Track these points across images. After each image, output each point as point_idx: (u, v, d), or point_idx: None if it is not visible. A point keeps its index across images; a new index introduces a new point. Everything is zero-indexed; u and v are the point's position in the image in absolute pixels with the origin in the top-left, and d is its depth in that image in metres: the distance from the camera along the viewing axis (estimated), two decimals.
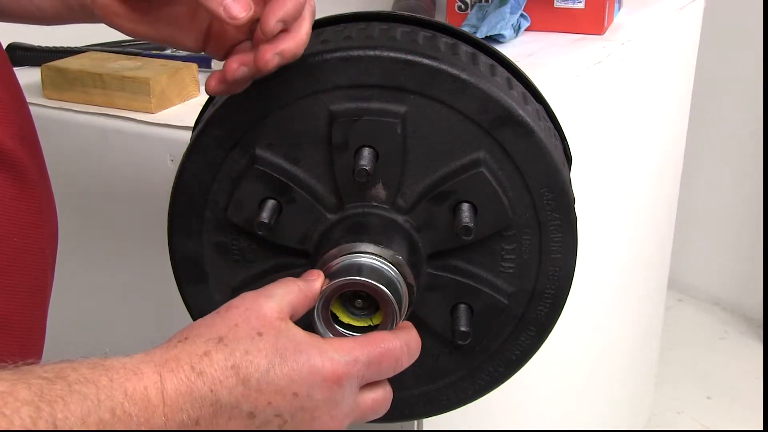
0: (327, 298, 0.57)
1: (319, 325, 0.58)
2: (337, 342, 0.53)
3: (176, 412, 0.47)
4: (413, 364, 0.65)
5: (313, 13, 0.58)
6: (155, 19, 0.61)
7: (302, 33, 0.56)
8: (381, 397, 0.56)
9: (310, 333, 0.53)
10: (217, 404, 0.48)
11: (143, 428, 0.45)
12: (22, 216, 0.57)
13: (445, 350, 0.65)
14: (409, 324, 0.59)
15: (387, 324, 0.58)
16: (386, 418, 0.68)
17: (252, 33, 0.59)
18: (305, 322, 0.56)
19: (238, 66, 0.56)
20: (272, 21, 0.53)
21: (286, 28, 0.54)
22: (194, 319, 0.66)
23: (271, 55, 0.54)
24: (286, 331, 0.52)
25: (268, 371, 0.49)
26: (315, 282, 0.57)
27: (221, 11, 0.53)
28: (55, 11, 0.66)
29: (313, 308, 0.57)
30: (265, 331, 0.51)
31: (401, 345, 0.56)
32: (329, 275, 0.57)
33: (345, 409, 0.53)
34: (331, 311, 0.59)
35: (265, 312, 0.52)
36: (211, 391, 0.48)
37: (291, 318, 0.54)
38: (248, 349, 0.50)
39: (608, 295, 1.36)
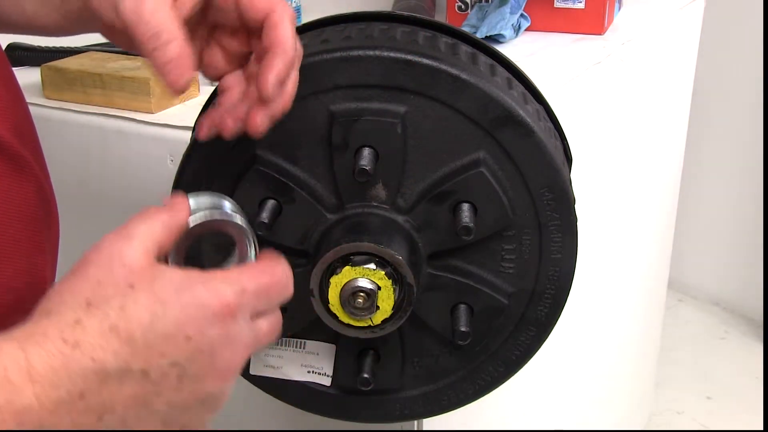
0: (187, 237, 0.52)
1: (173, 262, 0.52)
2: (221, 274, 0.48)
3: (50, 390, 0.42)
4: (413, 364, 0.66)
5: (299, 59, 0.56)
6: None
7: (290, 88, 0.55)
8: (274, 322, 0.52)
9: (187, 269, 0.48)
10: (103, 372, 0.43)
11: (5, 415, 0.40)
12: (20, 207, 0.56)
13: (445, 350, 0.65)
14: (274, 254, 0.54)
15: (245, 254, 0.55)
16: (386, 418, 0.68)
17: (243, 61, 0.58)
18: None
19: (207, 130, 0.56)
20: (269, 88, 0.52)
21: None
22: None
23: (261, 119, 0.54)
24: (160, 275, 0.46)
25: (153, 322, 0.44)
26: (181, 213, 0.51)
27: (164, 74, 0.52)
28: (58, 25, 0.65)
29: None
30: (136, 282, 0.46)
31: (288, 273, 0.52)
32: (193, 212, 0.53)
33: (244, 341, 0.48)
34: (331, 311, 0.59)
35: (129, 260, 0.46)
36: (93, 360, 0.43)
37: (158, 258, 0.49)
38: (123, 305, 0.44)
39: (608, 296, 1.36)
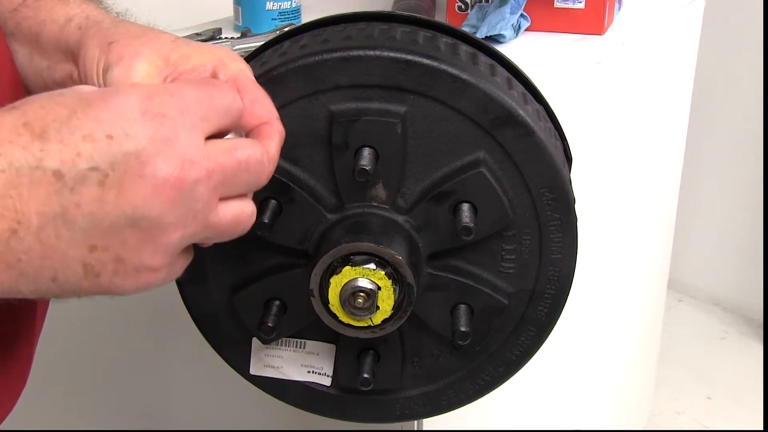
0: None
1: None
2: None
3: None
4: (413, 364, 0.66)
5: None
6: None
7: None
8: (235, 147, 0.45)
9: None
10: (10, 169, 0.38)
11: None
12: None
13: (445, 350, 0.65)
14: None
15: None
16: (386, 418, 0.68)
17: None
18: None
19: None
20: None
21: None
22: (194, 319, 0.66)
23: None
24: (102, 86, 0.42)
25: (71, 118, 0.39)
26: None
27: None
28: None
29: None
30: (70, 90, 0.42)
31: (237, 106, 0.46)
32: None
33: (185, 146, 0.41)
34: (331, 311, 0.59)
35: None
36: None
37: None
38: (43, 105, 0.40)
39: (608, 296, 1.36)
